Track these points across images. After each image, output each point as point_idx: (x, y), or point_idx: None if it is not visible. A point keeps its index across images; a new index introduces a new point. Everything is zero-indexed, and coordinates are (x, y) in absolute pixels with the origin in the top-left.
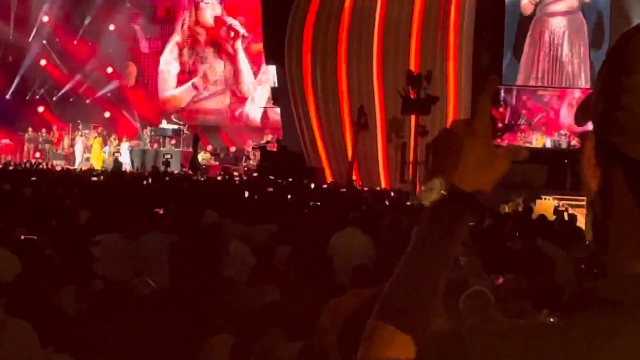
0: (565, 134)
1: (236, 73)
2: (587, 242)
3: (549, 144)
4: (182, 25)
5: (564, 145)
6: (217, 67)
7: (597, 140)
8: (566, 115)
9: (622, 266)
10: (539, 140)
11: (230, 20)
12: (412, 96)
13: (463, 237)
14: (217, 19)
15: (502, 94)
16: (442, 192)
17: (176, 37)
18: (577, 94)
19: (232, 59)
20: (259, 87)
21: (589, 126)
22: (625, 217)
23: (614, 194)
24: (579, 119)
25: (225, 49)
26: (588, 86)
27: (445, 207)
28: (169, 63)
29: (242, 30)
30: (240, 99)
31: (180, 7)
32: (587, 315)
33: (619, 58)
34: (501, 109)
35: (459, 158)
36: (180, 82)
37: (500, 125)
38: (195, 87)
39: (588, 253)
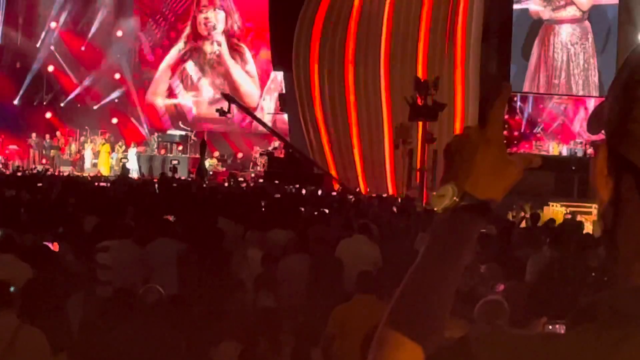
0: (582, 142)
1: (234, 87)
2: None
3: (565, 152)
4: (181, 39)
5: (580, 154)
6: (215, 78)
7: (609, 150)
8: (581, 124)
9: (632, 277)
10: (555, 149)
11: (217, 36)
12: (419, 103)
13: (473, 244)
14: (210, 35)
15: (519, 102)
16: (454, 198)
17: (179, 45)
18: (593, 102)
19: (228, 73)
20: (267, 96)
21: (603, 134)
22: (635, 229)
23: (624, 205)
24: (592, 128)
25: (223, 61)
26: (596, 94)
27: (457, 214)
28: (168, 71)
29: (225, 50)
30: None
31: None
32: (594, 327)
33: (631, 70)
34: (517, 117)
35: (471, 165)
36: (180, 89)
37: (516, 133)
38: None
39: (599, 261)
